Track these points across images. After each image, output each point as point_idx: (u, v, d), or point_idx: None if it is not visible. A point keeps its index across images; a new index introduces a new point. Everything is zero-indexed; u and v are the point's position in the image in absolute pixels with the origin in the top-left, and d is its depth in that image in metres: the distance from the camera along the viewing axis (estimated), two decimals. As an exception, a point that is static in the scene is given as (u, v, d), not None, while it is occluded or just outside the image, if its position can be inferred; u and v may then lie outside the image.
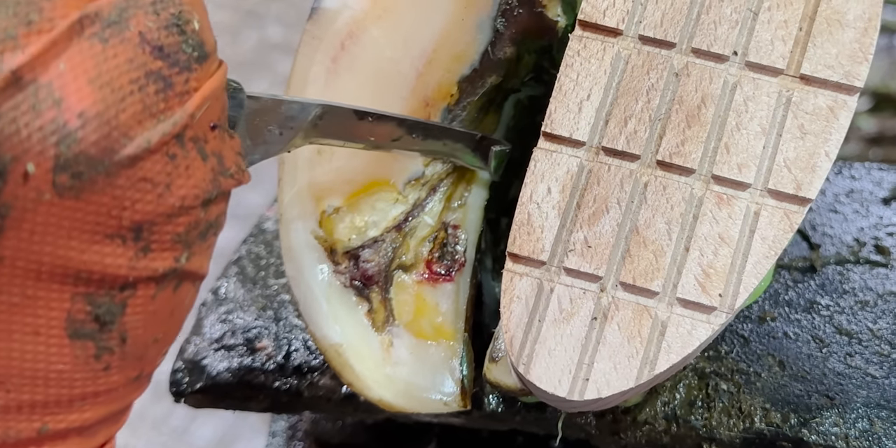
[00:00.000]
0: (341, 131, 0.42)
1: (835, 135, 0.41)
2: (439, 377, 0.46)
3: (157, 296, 0.32)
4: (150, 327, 0.33)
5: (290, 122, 0.39)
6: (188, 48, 0.31)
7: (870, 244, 0.56)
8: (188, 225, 0.32)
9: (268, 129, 0.38)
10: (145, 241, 0.31)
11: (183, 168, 0.31)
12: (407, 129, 0.44)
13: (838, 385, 0.48)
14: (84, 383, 0.32)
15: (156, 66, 0.30)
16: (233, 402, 0.52)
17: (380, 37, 0.46)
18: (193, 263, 0.33)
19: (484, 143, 0.47)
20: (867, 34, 0.42)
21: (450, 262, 0.48)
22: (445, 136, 0.45)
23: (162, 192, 0.31)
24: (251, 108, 0.37)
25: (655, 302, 0.40)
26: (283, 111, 0.39)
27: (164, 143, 0.30)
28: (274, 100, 0.39)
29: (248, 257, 0.58)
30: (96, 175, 0.29)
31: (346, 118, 0.42)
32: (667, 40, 0.42)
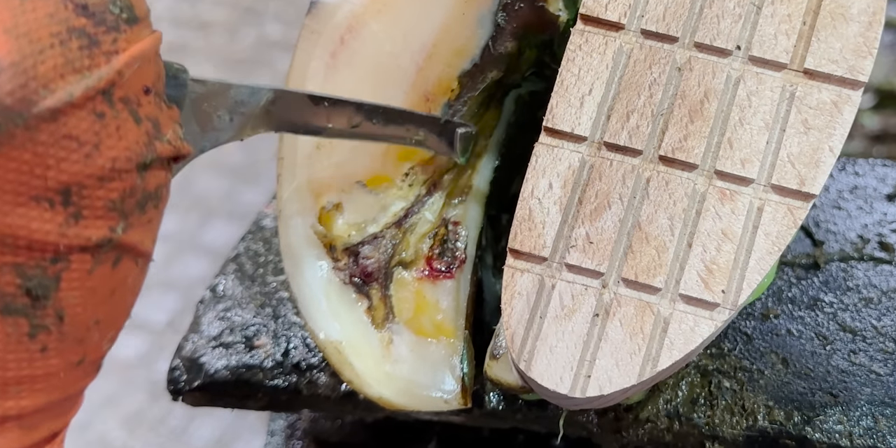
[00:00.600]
0: (296, 117, 0.40)
1: (839, 130, 0.41)
2: (440, 375, 0.46)
3: (95, 270, 0.30)
4: (90, 306, 0.31)
5: (240, 107, 0.38)
6: (115, 9, 0.30)
7: (874, 241, 0.56)
8: (122, 191, 0.30)
9: (217, 115, 0.37)
10: (75, 206, 0.29)
11: (113, 128, 0.30)
12: (365, 113, 0.42)
13: (842, 382, 0.48)
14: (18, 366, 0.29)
15: (79, 23, 0.29)
16: (231, 401, 0.52)
17: (379, 31, 0.46)
18: (132, 236, 0.31)
19: (449, 127, 0.46)
20: (871, 28, 0.42)
21: (450, 259, 0.48)
22: (407, 120, 0.44)
23: (90, 151, 0.29)
24: (198, 93, 0.36)
25: (658, 298, 0.40)
26: (231, 96, 0.38)
27: (88, 97, 0.29)
28: (221, 84, 0.37)
29: (246, 254, 0.58)
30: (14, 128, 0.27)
31: (301, 103, 0.41)
32: (669, 34, 0.42)
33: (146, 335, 1.34)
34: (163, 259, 1.40)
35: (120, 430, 1.24)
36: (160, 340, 1.33)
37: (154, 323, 1.35)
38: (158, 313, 1.36)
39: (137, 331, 1.34)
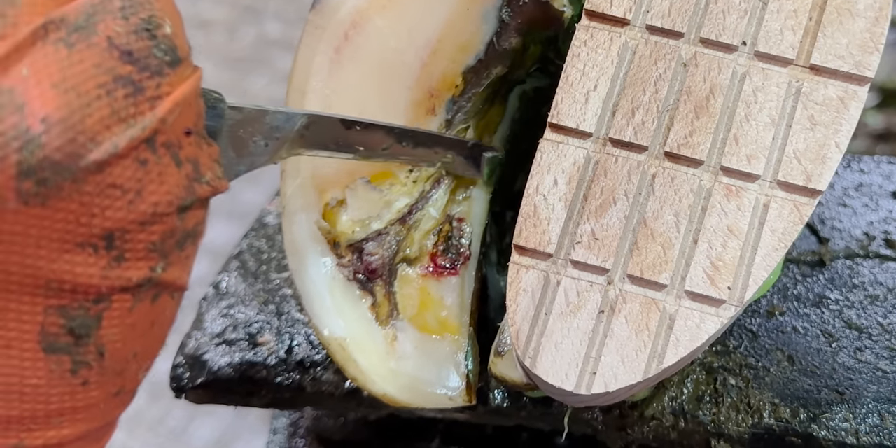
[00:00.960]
0: (329, 141, 0.41)
1: (845, 126, 0.41)
2: (444, 372, 0.46)
3: (135, 308, 0.31)
4: (130, 341, 0.32)
5: (275, 132, 0.39)
6: (159, 52, 0.31)
7: (879, 238, 0.56)
8: (163, 233, 0.31)
9: (252, 140, 0.38)
10: (118, 249, 0.30)
11: (155, 174, 0.31)
12: (396, 137, 0.43)
13: (848, 380, 0.48)
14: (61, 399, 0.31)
15: (125, 71, 0.30)
16: (234, 398, 0.52)
17: (384, 27, 0.46)
18: (170, 274, 0.32)
19: (475, 150, 0.46)
20: (878, 24, 0.41)
21: (454, 256, 0.47)
22: (436, 143, 0.45)
23: (133, 198, 0.30)
24: (234, 119, 0.37)
25: (663, 295, 0.40)
26: (267, 121, 0.38)
27: (133, 147, 0.30)
28: (258, 110, 0.38)
29: (249, 251, 0.58)
30: (62, 181, 0.28)
31: (334, 128, 0.41)
32: (675, 30, 0.42)
33: (145, 335, 1.34)
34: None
35: (119, 431, 1.23)
36: (159, 340, 1.32)
37: (153, 322, 1.35)
38: (158, 313, 1.36)
39: (137, 330, 1.34)
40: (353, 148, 0.42)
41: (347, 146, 0.42)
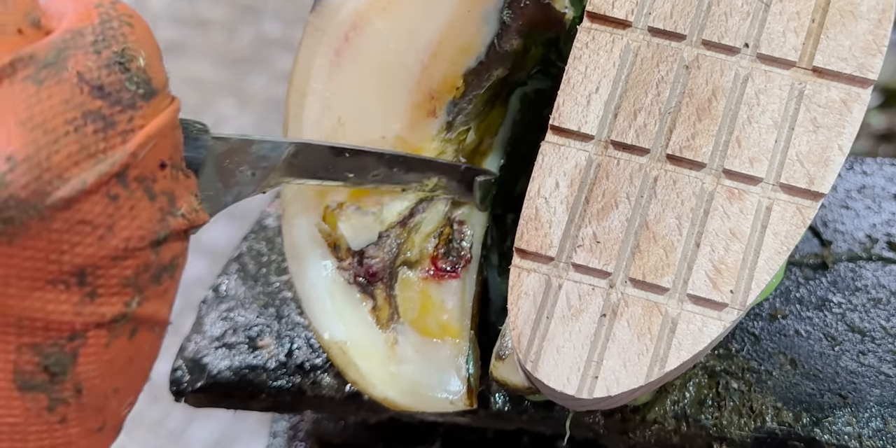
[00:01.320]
0: (317, 169, 0.41)
1: (848, 128, 0.41)
2: (445, 375, 0.46)
3: (112, 344, 0.31)
4: (108, 377, 0.32)
5: (262, 162, 0.39)
6: (132, 86, 0.31)
7: (882, 241, 0.56)
8: (137, 268, 0.31)
9: (239, 171, 0.38)
10: (90, 285, 0.30)
11: (126, 208, 0.31)
12: (387, 163, 0.43)
13: (851, 383, 0.48)
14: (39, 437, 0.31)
15: (95, 106, 0.30)
16: (234, 402, 0.51)
17: (384, 29, 0.46)
18: (147, 308, 0.32)
19: (468, 174, 0.46)
20: (881, 26, 0.41)
21: (455, 259, 0.47)
22: (428, 168, 0.45)
23: (104, 233, 0.30)
24: (220, 150, 0.37)
25: (666, 298, 0.40)
26: (253, 151, 0.38)
27: (102, 183, 0.30)
28: (244, 140, 0.38)
29: (248, 254, 0.58)
30: (29, 219, 0.28)
31: (322, 155, 0.41)
32: (677, 32, 0.42)
33: (144, 336, 1.33)
34: (161, 260, 1.39)
35: (117, 432, 1.24)
36: (158, 341, 1.32)
37: (152, 324, 1.34)
38: (157, 314, 1.35)
39: (136, 332, 1.34)
40: (342, 175, 0.42)
41: (337, 173, 0.42)
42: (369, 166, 0.42)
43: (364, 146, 0.42)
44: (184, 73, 1.66)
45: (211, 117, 1.60)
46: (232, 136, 0.37)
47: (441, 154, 0.47)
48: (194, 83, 1.65)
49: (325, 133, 0.46)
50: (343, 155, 0.42)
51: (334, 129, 0.46)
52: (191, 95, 1.63)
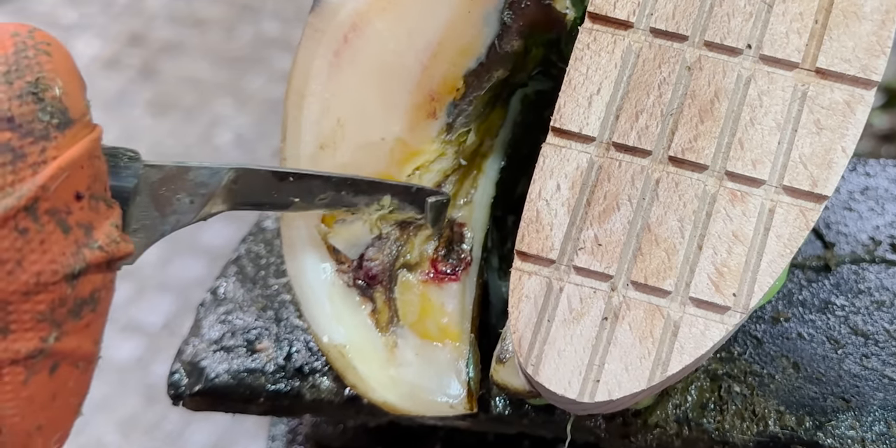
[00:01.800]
0: (260, 195, 0.40)
1: (851, 130, 0.41)
2: (445, 379, 0.46)
3: (30, 380, 0.31)
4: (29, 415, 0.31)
5: (200, 188, 0.38)
6: (45, 116, 0.31)
7: (886, 243, 0.55)
8: (52, 302, 0.31)
9: (176, 198, 0.37)
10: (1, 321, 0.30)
11: (37, 242, 0.30)
12: (335, 186, 0.42)
13: (854, 387, 0.48)
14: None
15: (3, 138, 0.29)
16: (232, 405, 0.51)
17: (384, 29, 0.46)
18: (67, 343, 0.32)
19: (420, 195, 0.45)
20: (885, 26, 0.41)
21: (455, 261, 0.47)
22: (378, 190, 0.44)
23: (12, 268, 0.29)
24: (154, 178, 0.36)
25: (668, 301, 0.40)
26: (191, 178, 0.37)
27: (9, 217, 0.29)
28: (179, 167, 0.37)
29: (247, 256, 0.57)
30: None
31: (265, 180, 0.40)
32: (679, 33, 0.42)
33: (141, 338, 1.33)
34: (158, 260, 1.40)
35: (114, 435, 1.24)
36: (156, 343, 1.32)
37: (149, 325, 1.35)
38: (154, 316, 1.36)
39: (132, 333, 1.34)
40: (287, 200, 0.41)
41: (282, 199, 0.41)
42: (315, 190, 0.42)
43: (308, 170, 0.42)
44: (181, 72, 1.66)
45: (208, 118, 1.60)
46: (167, 163, 0.37)
47: (441, 155, 0.47)
48: (192, 83, 1.65)
49: (324, 135, 0.46)
50: (287, 179, 0.41)
51: (333, 130, 0.46)
52: (188, 95, 1.63)
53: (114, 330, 1.32)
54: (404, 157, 0.47)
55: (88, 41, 1.73)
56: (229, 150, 1.55)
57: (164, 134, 1.56)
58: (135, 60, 1.69)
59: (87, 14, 1.78)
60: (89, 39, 1.74)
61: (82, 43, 1.73)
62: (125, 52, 1.71)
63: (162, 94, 1.63)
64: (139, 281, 1.38)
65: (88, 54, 1.71)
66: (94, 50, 1.72)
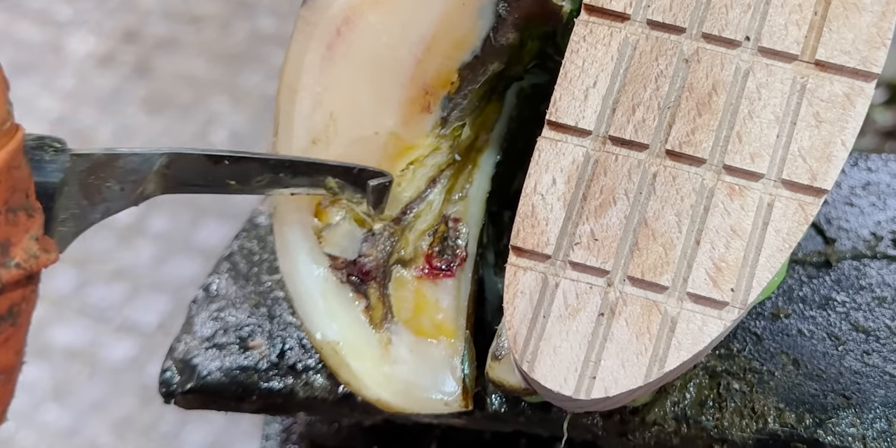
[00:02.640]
0: (195, 179, 0.40)
1: (851, 123, 0.41)
2: (440, 376, 0.45)
3: None
4: None
5: (130, 175, 0.37)
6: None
7: (887, 238, 0.55)
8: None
9: (106, 186, 0.37)
10: None
11: None
12: (272, 168, 0.42)
13: (855, 384, 0.48)
14: None
15: None
16: (225, 403, 0.51)
17: (377, 22, 0.46)
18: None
19: (363, 176, 0.45)
20: (885, 18, 0.41)
21: (450, 257, 0.47)
22: (318, 171, 0.44)
23: None
24: (82, 167, 0.35)
25: (665, 297, 0.40)
26: (120, 165, 0.37)
27: None
28: (108, 154, 0.37)
29: (240, 253, 0.57)
30: None
31: (199, 164, 0.40)
32: (676, 25, 0.42)
33: (136, 337, 1.33)
34: (153, 259, 1.40)
35: (109, 436, 1.24)
36: (150, 343, 1.32)
37: (144, 325, 1.34)
38: (149, 315, 1.35)
39: (127, 333, 1.33)
40: (223, 183, 0.41)
41: (217, 182, 0.40)
42: (252, 173, 0.41)
43: (245, 152, 0.41)
44: (176, 69, 1.66)
45: (204, 115, 1.60)
46: (95, 150, 0.36)
47: (436, 150, 0.47)
48: (187, 80, 1.65)
49: (316, 129, 0.46)
50: (222, 162, 0.40)
51: (326, 125, 0.46)
52: (184, 93, 1.63)
53: (108, 330, 1.32)
54: (398, 152, 0.47)
55: (83, 38, 1.73)
56: (225, 147, 1.55)
57: (160, 132, 1.56)
58: (129, 57, 1.69)
59: (82, 10, 1.77)
60: (84, 36, 1.73)
61: (77, 40, 1.73)
62: (120, 49, 1.70)
63: (157, 91, 1.63)
64: (133, 280, 1.37)
65: (83, 51, 1.70)
66: (88, 47, 1.71)
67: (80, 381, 1.27)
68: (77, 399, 1.26)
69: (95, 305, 1.35)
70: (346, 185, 0.44)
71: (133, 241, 1.41)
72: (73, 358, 1.29)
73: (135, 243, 1.41)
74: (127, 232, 1.41)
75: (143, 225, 1.42)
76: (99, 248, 1.40)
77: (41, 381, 1.25)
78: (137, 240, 1.41)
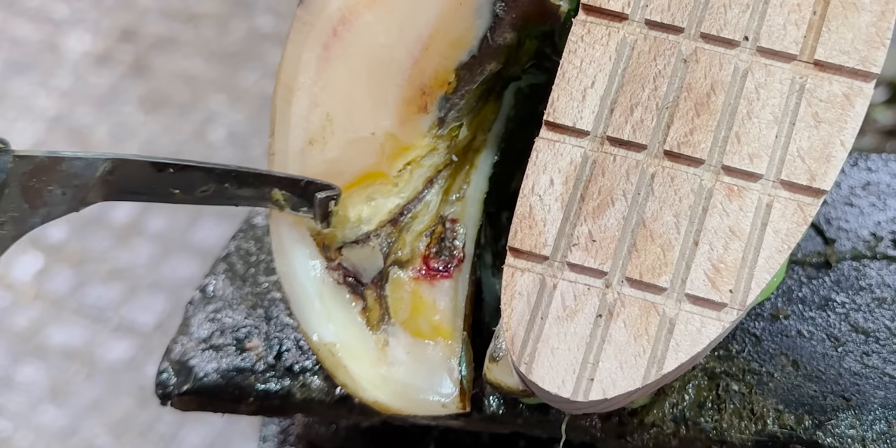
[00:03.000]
0: (138, 186, 0.39)
1: (850, 123, 0.41)
2: (437, 378, 0.45)
3: None
4: None
5: (73, 180, 0.37)
6: None
7: (887, 239, 0.55)
8: None
9: (48, 190, 0.36)
10: None
11: None
12: (217, 178, 0.42)
13: (855, 385, 0.47)
14: None
15: None
16: (221, 405, 0.51)
17: (374, 22, 0.45)
18: None
19: (310, 189, 0.44)
20: (884, 18, 0.41)
21: (448, 258, 0.47)
22: (264, 183, 0.43)
23: None
24: (24, 169, 0.35)
25: (663, 298, 0.40)
26: (63, 169, 0.37)
27: None
28: (51, 158, 0.36)
29: (237, 253, 0.57)
30: None
31: (143, 171, 0.39)
32: (675, 25, 0.42)
33: (133, 338, 1.33)
34: (151, 259, 1.40)
35: (107, 436, 1.24)
36: (148, 343, 1.32)
37: (142, 325, 1.34)
38: (146, 315, 1.35)
39: (124, 334, 1.33)
40: (167, 192, 0.40)
41: (161, 190, 0.40)
42: (197, 182, 0.41)
43: (190, 161, 0.41)
44: (174, 68, 1.66)
45: (202, 114, 1.60)
46: (38, 153, 0.36)
47: (433, 150, 0.47)
48: (185, 79, 1.65)
49: (312, 130, 0.46)
50: (167, 170, 0.40)
51: (322, 125, 0.46)
52: (181, 92, 1.62)
53: (106, 330, 1.32)
54: (395, 153, 0.47)
55: (80, 36, 1.73)
56: (223, 146, 1.55)
57: (157, 131, 1.56)
58: (127, 56, 1.68)
59: (79, 9, 1.77)
60: (80, 35, 1.73)
61: (73, 38, 1.72)
62: (117, 48, 1.70)
63: (154, 90, 1.62)
64: (131, 281, 1.37)
65: (80, 50, 1.70)
66: (85, 45, 1.71)
67: (77, 382, 1.27)
68: (74, 400, 1.26)
69: (93, 305, 1.35)
70: (293, 197, 0.44)
71: (131, 240, 1.41)
72: (70, 358, 1.29)
73: (132, 243, 1.41)
74: (124, 231, 1.41)
75: (141, 224, 1.42)
76: (96, 247, 1.40)
77: (38, 382, 1.25)
78: (135, 239, 1.41)
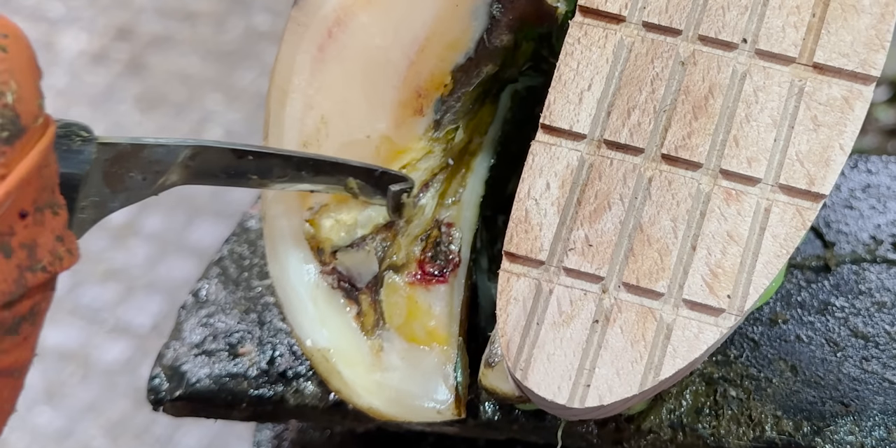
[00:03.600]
0: (218, 171, 0.40)
1: (850, 127, 0.40)
2: (432, 384, 0.45)
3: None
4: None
5: (154, 166, 0.38)
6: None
7: (887, 242, 0.55)
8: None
9: (129, 176, 0.37)
10: None
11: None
12: (295, 166, 0.42)
13: (854, 391, 0.47)
14: None
15: None
16: (214, 411, 0.51)
17: (369, 24, 0.45)
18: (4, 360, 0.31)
19: (384, 179, 0.45)
20: (884, 20, 0.41)
21: (443, 263, 0.47)
22: (339, 171, 0.44)
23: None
24: (107, 156, 0.35)
25: (660, 303, 0.40)
26: (145, 156, 0.37)
27: None
28: (134, 145, 0.37)
29: (230, 257, 0.57)
30: None
31: (223, 157, 0.40)
32: (672, 27, 0.42)
33: (129, 339, 1.33)
34: (147, 260, 1.39)
35: (103, 438, 1.24)
36: (144, 345, 1.31)
37: (138, 327, 1.34)
38: (142, 317, 1.35)
39: (120, 335, 1.33)
40: (245, 177, 0.41)
41: (239, 176, 0.41)
42: (275, 169, 0.41)
43: (270, 148, 0.41)
44: (170, 67, 1.66)
45: (198, 113, 1.59)
46: (121, 140, 0.36)
47: (428, 153, 0.47)
48: (181, 78, 1.64)
49: (307, 132, 0.46)
50: (246, 157, 0.40)
51: (317, 128, 0.46)
52: (178, 91, 1.62)
53: (101, 332, 1.32)
54: (390, 156, 0.47)
55: (75, 35, 1.72)
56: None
57: (154, 130, 1.55)
58: (123, 55, 1.68)
59: (74, 7, 1.77)
60: (76, 33, 1.73)
61: (69, 37, 1.72)
62: (113, 47, 1.70)
63: (151, 89, 1.62)
64: (127, 281, 1.37)
65: (75, 48, 1.70)
66: (81, 44, 1.71)
67: (72, 383, 1.27)
68: (70, 401, 1.26)
69: (88, 306, 1.34)
70: (366, 186, 0.44)
71: (127, 241, 1.41)
72: (65, 360, 1.29)
73: (128, 243, 1.40)
74: (120, 232, 1.41)
75: (137, 225, 1.42)
76: (92, 248, 1.39)
77: (34, 383, 1.25)
78: (131, 240, 1.41)
